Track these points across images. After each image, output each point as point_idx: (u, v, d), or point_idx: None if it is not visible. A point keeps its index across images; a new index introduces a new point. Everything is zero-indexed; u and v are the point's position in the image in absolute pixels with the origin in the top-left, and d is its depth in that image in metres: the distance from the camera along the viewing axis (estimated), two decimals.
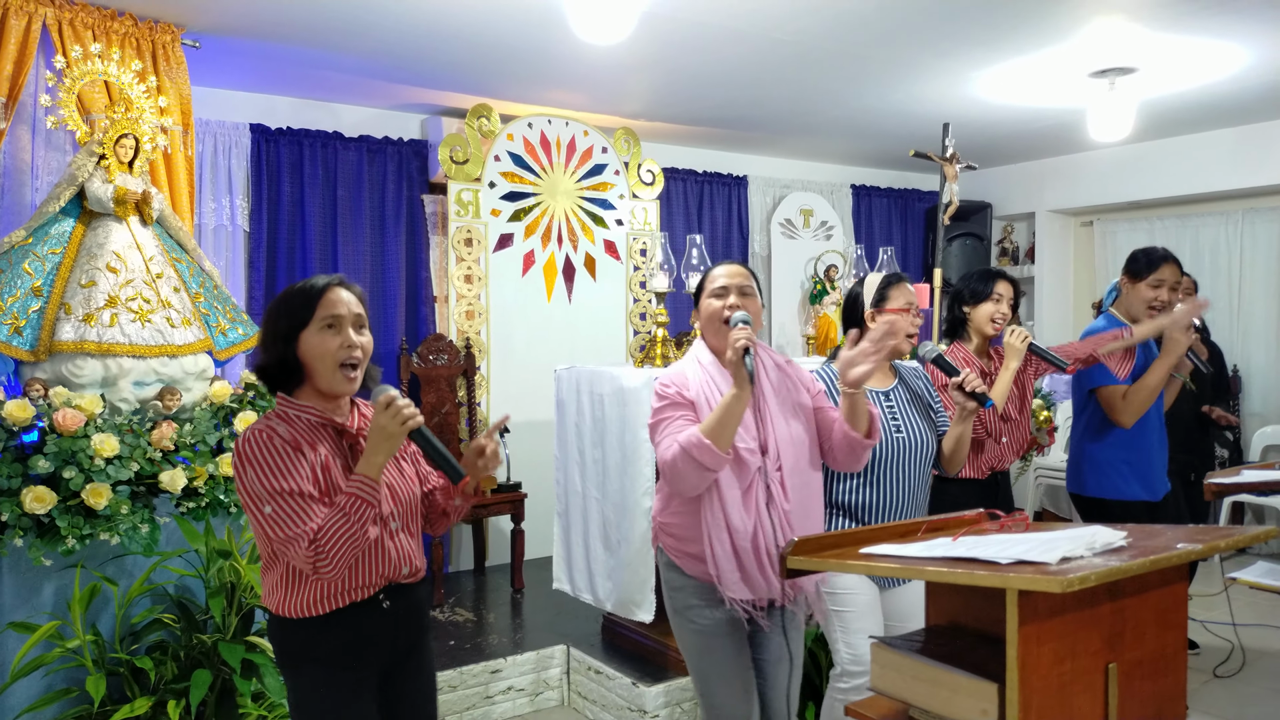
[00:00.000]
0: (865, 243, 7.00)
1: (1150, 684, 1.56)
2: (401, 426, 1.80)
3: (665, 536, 2.36)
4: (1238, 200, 6.31)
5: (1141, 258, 3.32)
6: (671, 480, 2.18)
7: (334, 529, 1.75)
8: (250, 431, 1.83)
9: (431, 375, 5.15)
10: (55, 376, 3.23)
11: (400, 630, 1.96)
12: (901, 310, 2.64)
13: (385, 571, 1.91)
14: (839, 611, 2.53)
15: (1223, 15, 3.90)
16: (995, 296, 3.18)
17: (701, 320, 2.35)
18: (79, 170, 3.38)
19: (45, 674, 2.96)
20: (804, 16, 3.91)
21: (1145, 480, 3.27)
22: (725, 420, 2.10)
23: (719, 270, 2.34)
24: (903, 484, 2.58)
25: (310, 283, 1.90)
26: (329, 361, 1.85)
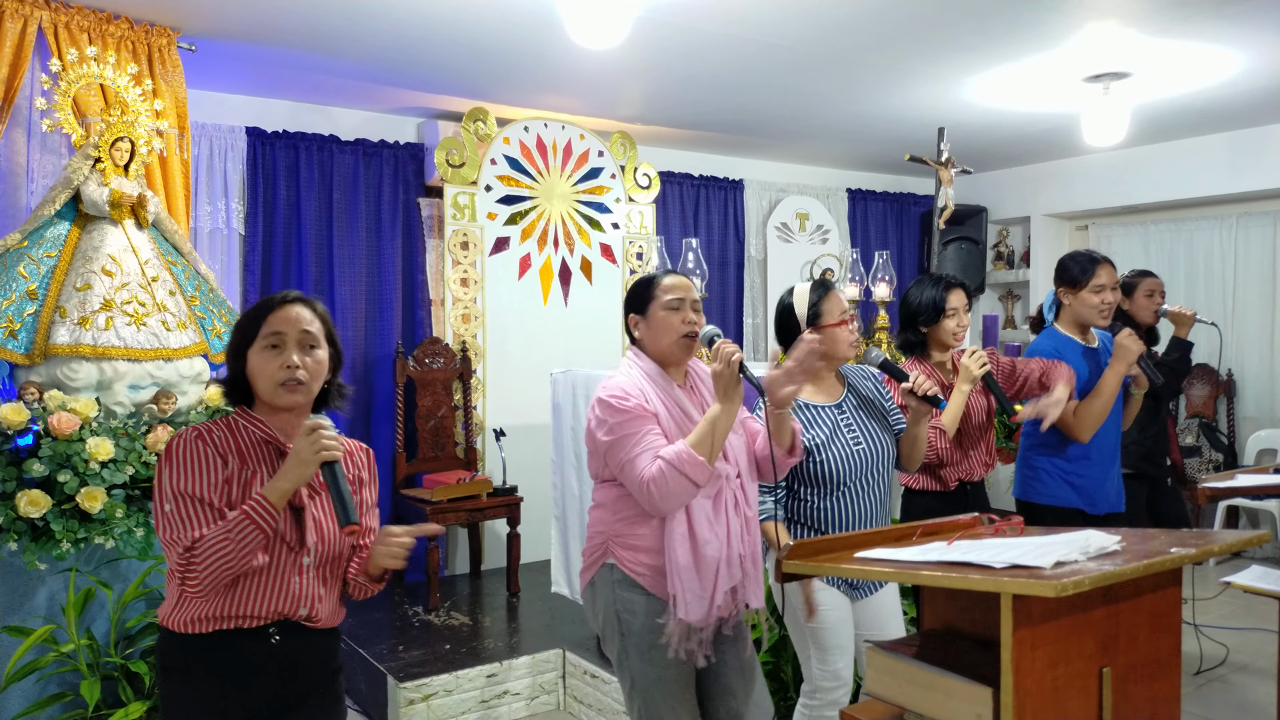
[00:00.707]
0: (861, 246, 7.01)
1: (1144, 688, 1.57)
2: (315, 455, 1.73)
3: (622, 550, 2.20)
4: (1232, 205, 6.32)
5: (1073, 265, 3.15)
6: (654, 499, 2.08)
7: (212, 543, 1.68)
8: (184, 430, 1.81)
9: (427, 378, 5.15)
10: (50, 380, 3.22)
11: (290, 673, 1.84)
12: (840, 323, 2.55)
13: (278, 605, 1.80)
14: (813, 629, 2.48)
15: (1216, 20, 3.91)
16: (950, 310, 2.99)
17: (649, 330, 2.26)
18: (74, 173, 3.37)
19: (39, 678, 2.95)
20: (799, 21, 3.92)
21: (1083, 491, 3.11)
22: (715, 435, 2.08)
23: (670, 281, 2.27)
24: (866, 494, 2.53)
25: (268, 298, 1.87)
26: (268, 381, 1.81)
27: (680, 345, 2.24)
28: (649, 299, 2.27)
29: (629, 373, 2.26)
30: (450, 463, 5.20)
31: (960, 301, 3.02)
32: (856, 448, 2.51)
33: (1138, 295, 4.01)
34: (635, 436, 2.13)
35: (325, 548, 1.87)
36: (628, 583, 2.20)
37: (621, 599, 2.20)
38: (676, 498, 2.08)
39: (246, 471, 1.81)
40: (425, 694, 3.61)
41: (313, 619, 1.87)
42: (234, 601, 1.78)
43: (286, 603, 1.82)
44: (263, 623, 1.81)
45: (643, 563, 2.18)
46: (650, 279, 2.30)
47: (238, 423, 1.86)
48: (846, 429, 2.53)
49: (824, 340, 2.48)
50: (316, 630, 1.89)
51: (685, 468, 2.05)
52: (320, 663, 1.91)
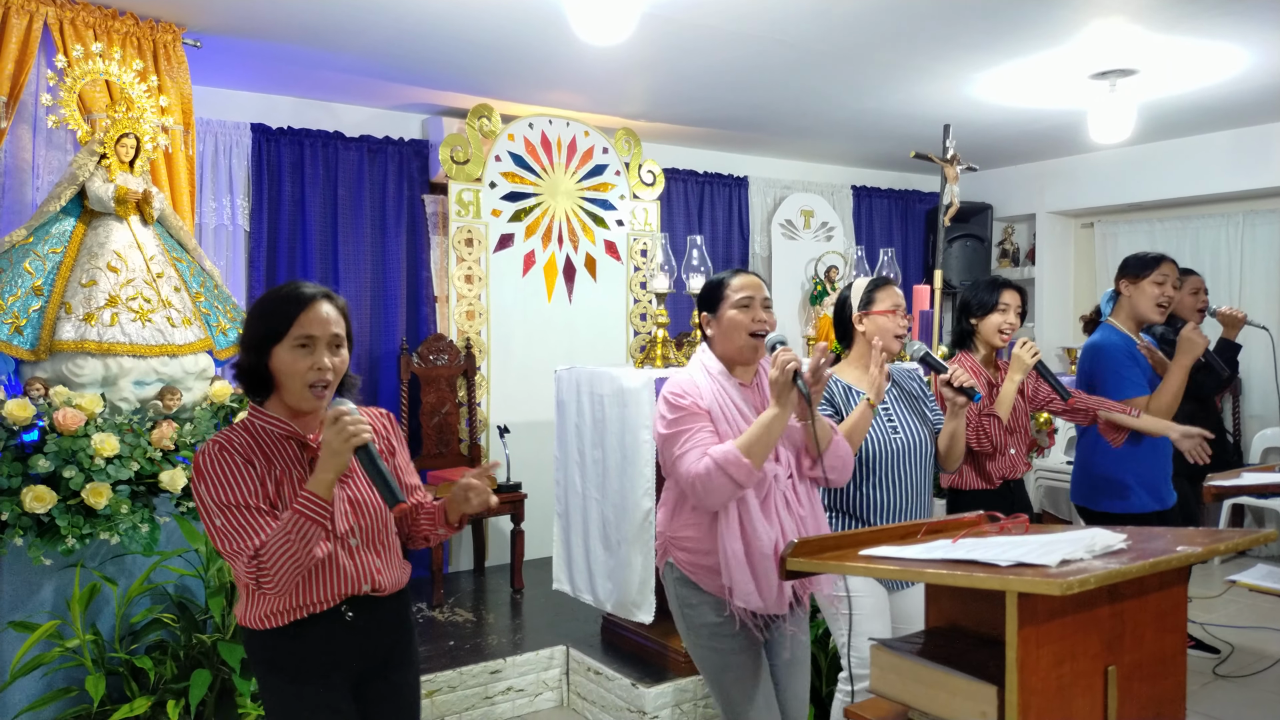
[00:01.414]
0: (866, 244, 7.00)
1: (1149, 686, 1.56)
2: (345, 443, 1.75)
3: (678, 551, 2.31)
4: (1238, 202, 6.30)
5: (1137, 260, 3.30)
6: (699, 494, 2.16)
7: (277, 546, 1.72)
8: (207, 444, 1.83)
9: (432, 375, 5.15)
10: (56, 376, 3.23)
11: (367, 643, 1.93)
12: (888, 312, 2.64)
13: (342, 589, 1.87)
14: (847, 615, 2.52)
15: (1223, 17, 3.90)
16: (1002, 307, 3.14)
17: (719, 330, 2.32)
18: (80, 169, 3.38)
19: (45, 673, 2.96)
20: (805, 18, 3.91)
21: (1154, 490, 3.27)
22: (765, 438, 2.12)
23: (740, 280, 2.32)
24: (904, 484, 2.59)
25: (294, 293, 1.86)
26: (297, 381, 1.83)
27: (748, 345, 2.28)
28: (719, 299, 2.32)
29: (691, 370, 2.33)
30: (454, 459, 5.21)
31: (1013, 301, 3.16)
32: (894, 436, 2.59)
33: (1183, 293, 4.07)
34: (688, 433, 2.20)
35: (367, 523, 1.92)
36: (685, 580, 2.30)
37: (682, 596, 2.31)
38: (719, 495, 2.14)
39: (275, 470, 1.84)
40: (429, 690, 3.61)
41: (378, 590, 1.93)
42: (300, 593, 1.84)
43: (347, 584, 1.88)
44: (333, 604, 1.87)
45: (695, 563, 2.27)
46: (721, 279, 2.35)
47: (254, 424, 1.87)
48: (885, 417, 2.61)
49: (871, 327, 2.65)
50: (386, 598, 1.96)
51: (730, 468, 2.10)
52: (394, 627, 1.99)
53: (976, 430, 2.98)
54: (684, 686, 3.50)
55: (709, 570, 2.24)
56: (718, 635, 2.26)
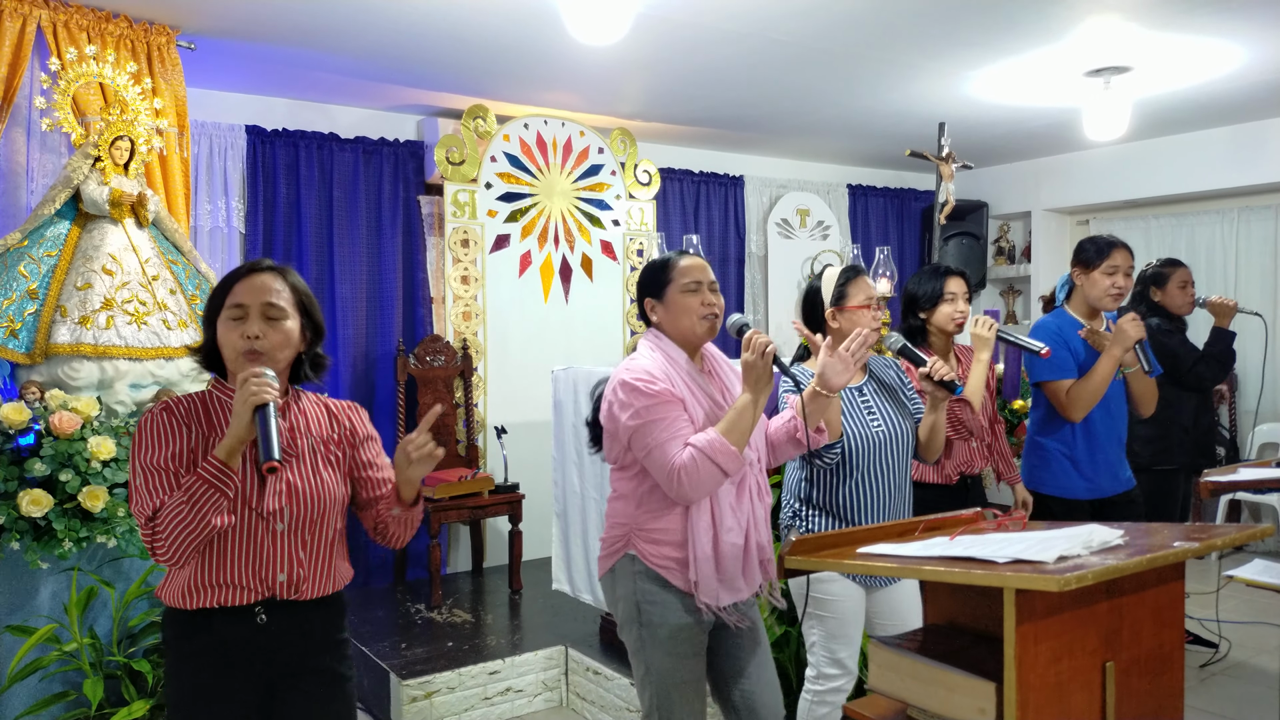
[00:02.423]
0: (862, 242, 7.01)
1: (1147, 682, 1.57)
2: (244, 403, 1.69)
3: (646, 544, 2.17)
4: (1233, 199, 6.32)
5: (1090, 246, 3.16)
6: (683, 487, 2.06)
7: (171, 509, 1.68)
8: (153, 406, 1.83)
9: (429, 376, 5.15)
10: (51, 379, 3.22)
11: (279, 652, 1.83)
12: (862, 307, 2.57)
13: (257, 571, 1.79)
14: (823, 617, 2.51)
15: (1217, 14, 3.90)
16: (949, 296, 3.04)
17: (667, 313, 2.22)
18: (74, 172, 3.37)
19: (42, 677, 2.96)
20: (799, 17, 3.91)
21: (1089, 478, 3.13)
22: (744, 424, 2.06)
23: (686, 263, 2.22)
24: (885, 478, 2.54)
25: (236, 268, 1.88)
26: (230, 350, 1.81)
27: (701, 328, 2.20)
28: (665, 282, 2.22)
29: (651, 355, 2.20)
30: (452, 460, 5.20)
31: (959, 288, 3.07)
32: (876, 429, 2.53)
33: (1170, 286, 4.00)
34: (664, 422, 2.09)
35: (301, 511, 1.83)
36: (649, 574, 2.18)
37: (643, 590, 2.18)
38: (704, 486, 2.07)
39: (215, 438, 1.80)
40: (428, 691, 3.61)
41: (295, 586, 1.83)
42: (211, 569, 1.77)
43: (263, 566, 1.80)
44: (247, 598, 1.79)
45: (666, 555, 2.16)
46: (665, 261, 2.25)
47: (211, 394, 1.87)
48: (865, 410, 2.56)
49: (845, 322, 2.57)
50: (307, 603, 1.85)
51: (717, 456, 2.03)
52: (314, 638, 1.88)
53: (949, 417, 2.89)
54: None
55: (680, 564, 2.15)
56: (675, 638, 2.16)
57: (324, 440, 1.92)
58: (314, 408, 1.96)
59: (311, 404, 1.96)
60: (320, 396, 2.00)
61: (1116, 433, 3.19)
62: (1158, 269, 4.06)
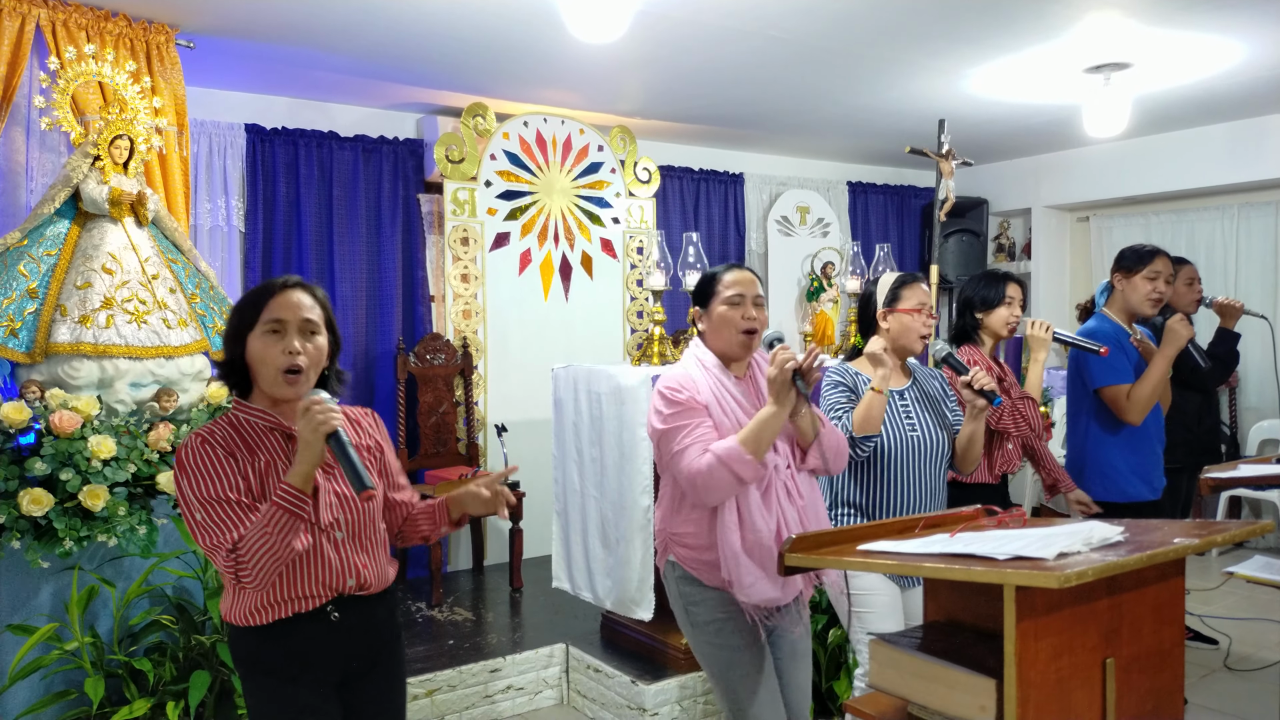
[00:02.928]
0: (862, 239, 7.00)
1: (1148, 679, 1.57)
2: (314, 431, 1.73)
3: (679, 548, 2.30)
4: (1233, 195, 6.31)
5: (1131, 254, 3.33)
6: (699, 490, 2.15)
7: (255, 539, 1.71)
8: (189, 438, 1.82)
9: (429, 375, 5.15)
10: (51, 378, 3.22)
11: (353, 644, 1.91)
12: (913, 310, 2.64)
13: (328, 581, 1.85)
14: (859, 612, 2.54)
15: (1217, 10, 3.90)
16: (1008, 300, 3.17)
17: (710, 325, 2.32)
18: (74, 172, 3.37)
19: (43, 676, 2.96)
20: (799, 14, 3.90)
21: (1147, 479, 3.28)
22: (764, 434, 2.12)
23: (732, 276, 2.31)
24: (917, 482, 2.59)
25: (267, 283, 1.88)
26: (269, 367, 1.82)
27: (739, 341, 2.27)
28: (711, 294, 2.32)
29: (686, 364, 2.32)
30: (452, 458, 5.20)
31: (1016, 294, 3.21)
32: (911, 434, 2.59)
33: (1178, 284, 4.07)
34: (686, 428, 2.18)
35: (353, 517, 1.90)
36: (688, 578, 2.29)
37: (686, 593, 2.30)
38: (720, 491, 2.14)
39: (259, 462, 1.82)
40: (429, 689, 3.61)
41: (364, 587, 1.91)
42: (284, 586, 1.82)
43: (332, 577, 1.86)
44: (319, 602, 1.85)
45: (696, 558, 2.26)
46: (713, 274, 2.34)
47: (238, 417, 1.87)
48: (904, 414, 2.61)
49: (895, 325, 2.66)
50: (372, 598, 1.93)
51: (733, 463, 2.10)
52: (381, 628, 1.97)
53: (1013, 414, 3.02)
54: (684, 683, 3.50)
55: (711, 566, 2.23)
56: (723, 632, 2.25)
57: (360, 446, 1.97)
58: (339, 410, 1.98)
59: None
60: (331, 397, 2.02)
61: (1159, 430, 3.34)
62: None
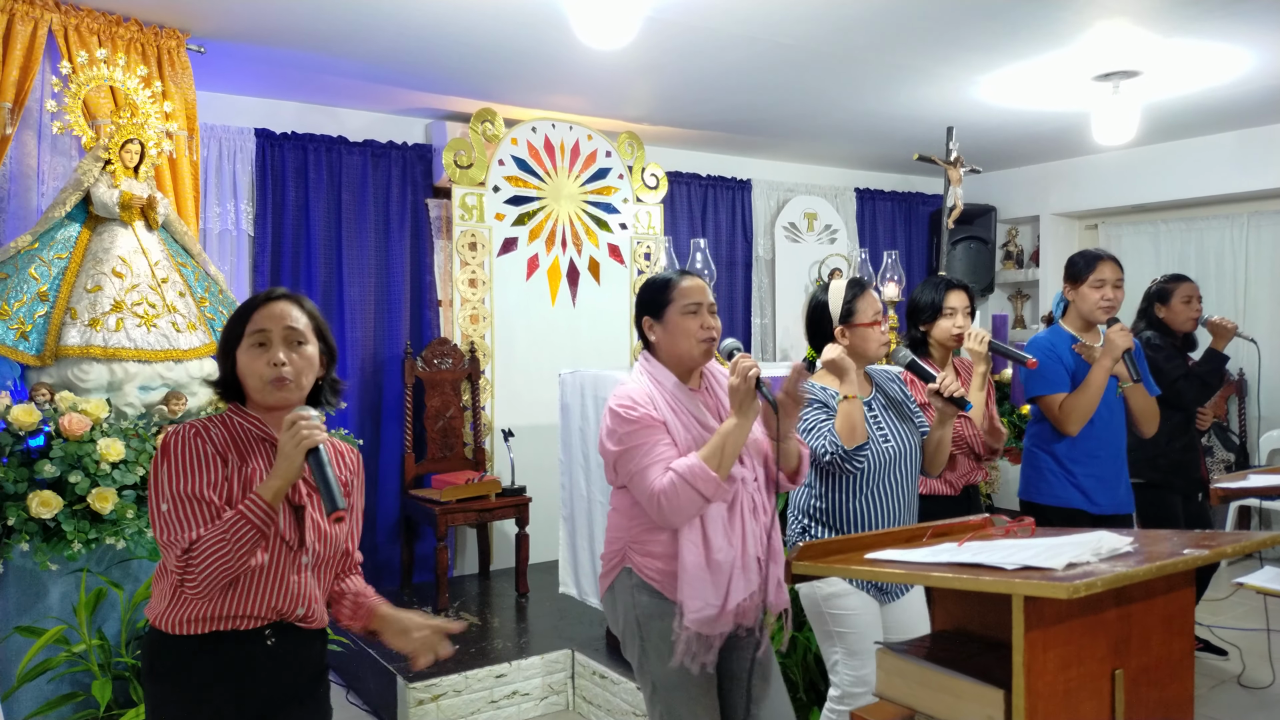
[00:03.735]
0: (869, 246, 7.00)
1: (1157, 690, 1.56)
2: (296, 446, 1.69)
3: (641, 558, 2.19)
4: (1243, 204, 6.29)
5: (1079, 260, 3.21)
6: (664, 512, 2.07)
7: (209, 544, 1.65)
8: (181, 427, 1.79)
9: (436, 379, 5.15)
10: (61, 381, 3.24)
11: (284, 673, 1.83)
12: (871, 324, 2.55)
13: (278, 604, 1.79)
14: (842, 633, 2.48)
15: (1226, 19, 3.89)
16: (949, 311, 3.06)
17: (665, 334, 2.23)
18: (85, 175, 3.39)
19: (51, 678, 2.96)
20: (807, 21, 3.91)
21: (1084, 491, 3.12)
22: (729, 449, 2.06)
23: (687, 284, 2.23)
24: (894, 493, 2.54)
25: (253, 297, 1.87)
26: (256, 379, 1.80)
27: (698, 350, 2.21)
28: (665, 302, 2.23)
29: (639, 380, 2.23)
30: (459, 463, 5.21)
31: (960, 302, 3.08)
32: (885, 445, 2.52)
33: (1174, 301, 3.94)
34: (644, 447, 2.11)
35: (324, 548, 1.86)
36: (645, 588, 2.19)
37: (640, 604, 2.19)
38: (685, 511, 2.07)
39: (246, 469, 1.79)
40: (435, 694, 3.61)
41: (308, 619, 1.86)
42: (233, 601, 1.75)
43: (285, 601, 1.80)
44: (259, 624, 1.79)
45: (658, 569, 2.17)
46: (665, 281, 2.26)
47: (233, 419, 1.85)
48: (875, 426, 2.54)
49: (854, 339, 2.56)
50: (309, 631, 1.88)
51: (696, 482, 2.04)
52: (311, 663, 1.90)
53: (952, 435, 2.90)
54: None
55: (672, 577, 2.14)
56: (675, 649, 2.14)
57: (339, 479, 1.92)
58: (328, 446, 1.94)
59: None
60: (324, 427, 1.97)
61: (1112, 449, 3.17)
62: (1161, 284, 4.01)
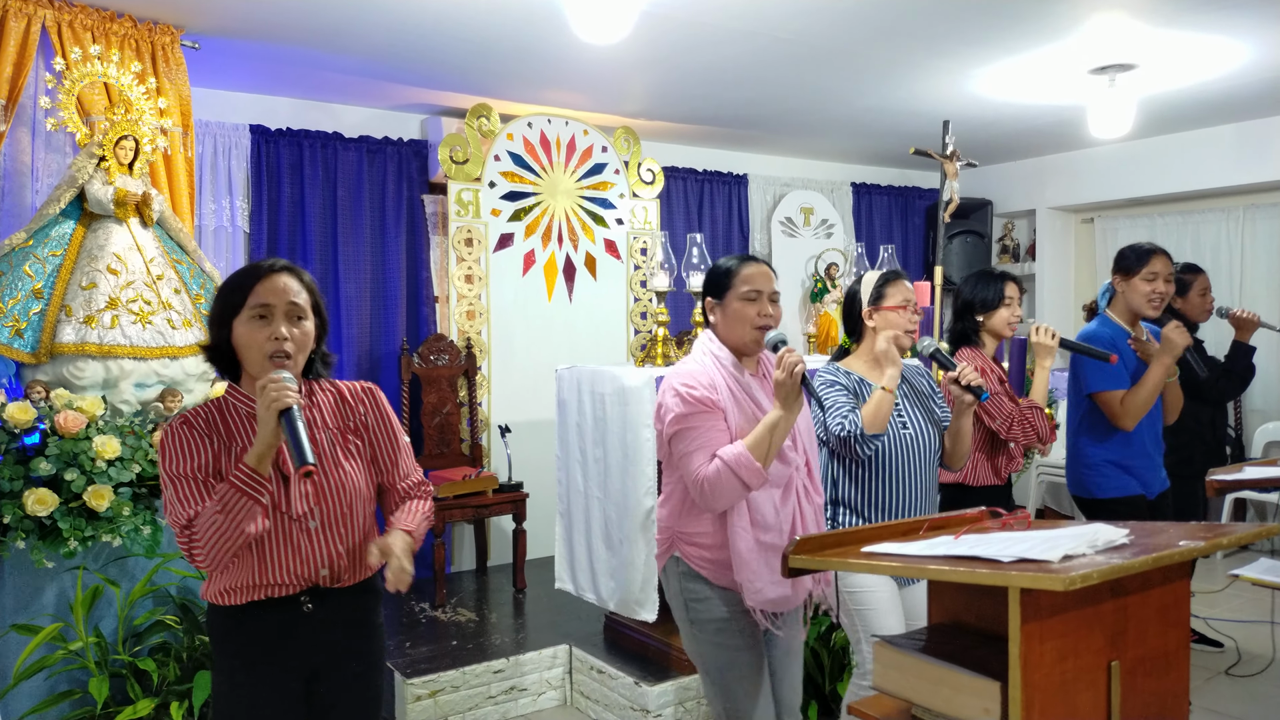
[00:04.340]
0: (866, 241, 6.99)
1: (1153, 682, 1.56)
2: (268, 409, 1.68)
3: (687, 545, 2.27)
4: (1239, 196, 6.30)
5: (1130, 254, 3.26)
6: (705, 497, 2.13)
7: (208, 518, 1.69)
8: (173, 419, 1.83)
9: (432, 375, 5.15)
10: (56, 378, 3.23)
11: (324, 636, 1.88)
12: (899, 307, 2.62)
13: (298, 571, 1.83)
14: (860, 610, 2.52)
15: (1222, 11, 3.89)
16: (1007, 301, 3.16)
17: (723, 318, 2.26)
18: (79, 172, 3.38)
19: (48, 676, 2.96)
20: (804, 15, 3.90)
21: (1139, 475, 3.24)
22: (775, 441, 2.10)
23: (751, 270, 2.25)
24: (912, 481, 2.57)
25: (253, 266, 1.85)
26: (255, 352, 1.79)
27: (752, 338, 2.24)
28: (726, 286, 2.26)
29: (701, 360, 2.26)
30: (456, 459, 5.21)
31: (1015, 293, 3.19)
32: (903, 431, 2.57)
33: (1192, 294, 4.06)
34: (698, 430, 2.15)
35: (329, 506, 1.86)
36: (692, 574, 2.26)
37: (688, 590, 2.27)
38: (726, 498, 2.12)
39: (236, 445, 1.82)
40: (432, 690, 3.61)
41: (338, 579, 1.88)
42: (257, 570, 1.81)
43: (305, 566, 1.84)
44: (292, 590, 1.84)
45: (704, 557, 2.24)
46: (729, 266, 2.28)
47: (226, 401, 1.86)
48: (895, 413, 2.58)
49: (881, 321, 2.62)
50: (347, 590, 1.90)
51: (741, 471, 2.08)
52: (355, 623, 1.94)
53: (1021, 423, 3.02)
54: (687, 685, 3.49)
55: (721, 565, 2.22)
56: (724, 631, 2.24)
57: (341, 430, 1.92)
58: (327, 397, 1.94)
59: (324, 393, 1.95)
60: (332, 382, 1.98)
61: (1155, 435, 3.30)
62: (1178, 276, 4.05)
